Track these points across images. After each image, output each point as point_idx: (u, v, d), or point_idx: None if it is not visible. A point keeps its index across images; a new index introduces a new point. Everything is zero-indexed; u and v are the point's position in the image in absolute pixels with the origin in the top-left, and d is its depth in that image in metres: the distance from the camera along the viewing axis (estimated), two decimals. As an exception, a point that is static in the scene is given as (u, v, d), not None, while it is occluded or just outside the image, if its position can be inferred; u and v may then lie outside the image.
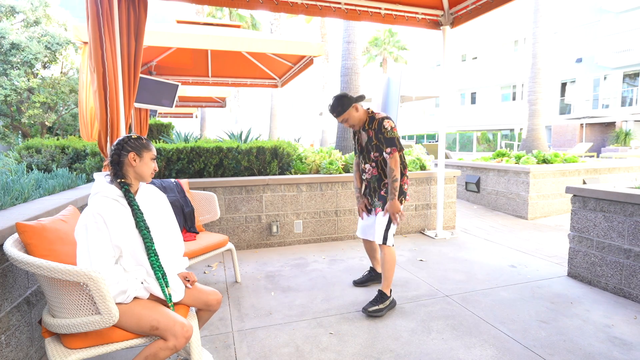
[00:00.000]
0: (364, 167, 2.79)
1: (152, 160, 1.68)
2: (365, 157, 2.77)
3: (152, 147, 1.70)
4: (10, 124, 10.23)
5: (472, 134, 25.18)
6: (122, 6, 2.87)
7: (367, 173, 2.77)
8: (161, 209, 1.74)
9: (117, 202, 1.57)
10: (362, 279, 3.09)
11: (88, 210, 1.51)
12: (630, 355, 2.06)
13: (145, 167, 1.66)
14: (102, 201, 1.54)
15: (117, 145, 1.63)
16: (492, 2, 3.86)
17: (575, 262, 3.16)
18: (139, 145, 1.65)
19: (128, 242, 1.54)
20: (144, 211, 1.62)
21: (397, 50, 27.16)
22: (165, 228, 1.72)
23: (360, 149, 2.81)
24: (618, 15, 19.48)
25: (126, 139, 1.64)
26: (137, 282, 1.57)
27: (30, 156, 4.03)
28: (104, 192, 1.56)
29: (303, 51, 4.73)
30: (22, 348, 1.77)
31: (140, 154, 1.64)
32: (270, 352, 2.13)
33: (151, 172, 1.69)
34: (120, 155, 1.61)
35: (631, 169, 6.94)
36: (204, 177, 4.09)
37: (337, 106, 2.59)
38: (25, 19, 10.70)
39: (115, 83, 2.83)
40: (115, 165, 1.62)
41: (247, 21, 19.94)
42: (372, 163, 2.73)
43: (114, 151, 1.62)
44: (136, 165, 1.63)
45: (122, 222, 1.54)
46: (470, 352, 2.11)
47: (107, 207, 1.52)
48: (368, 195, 2.85)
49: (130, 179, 1.64)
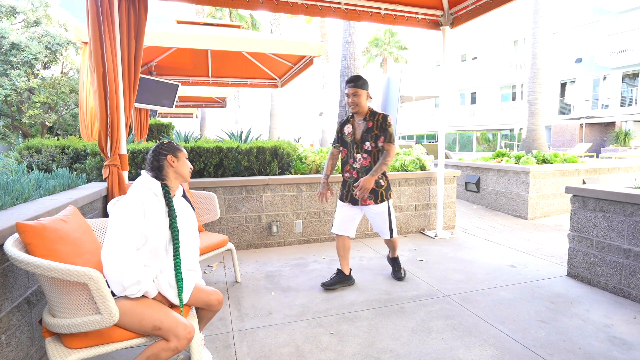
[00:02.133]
0: (355, 156, 2.89)
1: (187, 160, 1.80)
2: (357, 148, 2.88)
3: (183, 149, 1.82)
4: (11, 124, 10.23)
5: (472, 134, 25.19)
6: (122, 6, 2.87)
7: (358, 163, 2.89)
8: (189, 221, 1.80)
9: (156, 197, 1.65)
10: (331, 281, 3.01)
11: (132, 196, 1.59)
12: (630, 355, 2.07)
13: (183, 166, 1.77)
14: (146, 192, 1.63)
15: (153, 152, 1.74)
16: (492, 2, 3.87)
17: (575, 262, 3.16)
18: (173, 148, 1.76)
19: (156, 236, 1.60)
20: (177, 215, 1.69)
21: (397, 50, 27.17)
22: (189, 237, 1.77)
23: (351, 139, 2.90)
24: (618, 15, 19.48)
25: (160, 145, 1.76)
26: (151, 278, 1.59)
27: (30, 156, 4.03)
28: (149, 185, 1.66)
29: (303, 51, 4.74)
30: (23, 348, 1.77)
31: (177, 155, 1.75)
32: (270, 352, 2.13)
33: (189, 171, 1.80)
34: (159, 160, 1.72)
35: (631, 169, 6.94)
36: (204, 177, 4.09)
37: (360, 80, 2.78)
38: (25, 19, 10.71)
39: (115, 83, 2.84)
40: (156, 170, 1.72)
41: (247, 21, 19.94)
42: (364, 154, 2.85)
43: (152, 158, 1.73)
44: (175, 165, 1.74)
45: (157, 216, 1.62)
46: (470, 352, 2.11)
47: (148, 198, 1.62)
48: (353, 185, 2.87)
49: (171, 180, 1.74)
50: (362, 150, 2.86)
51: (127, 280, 1.47)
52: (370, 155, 2.86)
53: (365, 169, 2.86)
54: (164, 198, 1.67)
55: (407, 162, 4.87)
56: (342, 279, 3.04)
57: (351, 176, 2.93)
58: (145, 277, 1.55)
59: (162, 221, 1.63)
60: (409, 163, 4.87)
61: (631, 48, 18.47)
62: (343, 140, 2.99)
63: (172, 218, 1.65)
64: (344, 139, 2.98)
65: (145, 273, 1.56)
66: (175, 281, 1.64)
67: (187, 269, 1.75)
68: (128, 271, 1.47)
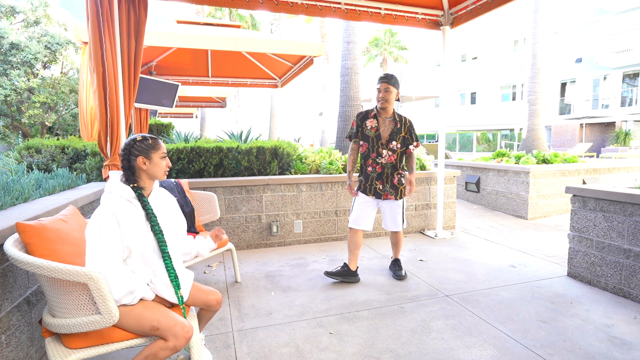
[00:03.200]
0: (380, 151, 3.00)
1: (162, 159, 1.66)
2: (383, 144, 3.00)
3: (159, 145, 1.67)
4: (11, 124, 10.23)
5: (472, 134, 25.18)
6: (122, 6, 2.87)
7: (384, 158, 3.01)
8: (171, 212, 1.75)
9: (130, 203, 1.57)
10: (334, 271, 3.11)
11: (102, 209, 1.51)
12: (630, 355, 2.07)
13: (156, 167, 1.64)
14: (117, 201, 1.54)
15: (124, 151, 1.61)
16: (492, 2, 3.86)
17: (575, 262, 3.16)
18: (146, 147, 1.62)
19: (139, 243, 1.54)
20: (156, 214, 1.63)
21: (397, 50, 27.16)
22: (175, 230, 1.73)
23: (375, 134, 3.00)
24: (618, 15, 19.48)
25: (132, 143, 1.62)
26: (144, 284, 1.57)
27: (30, 156, 4.03)
28: (118, 192, 1.56)
29: (303, 51, 4.74)
30: (23, 348, 1.77)
31: (149, 155, 1.62)
32: (270, 352, 2.13)
33: (164, 171, 1.68)
34: (129, 161, 1.60)
35: (631, 169, 6.94)
36: (204, 177, 4.09)
37: (393, 78, 2.93)
38: (25, 19, 10.70)
39: (115, 83, 2.83)
40: (127, 170, 1.61)
41: (247, 21, 19.94)
42: (389, 151, 3.01)
43: (122, 157, 1.61)
44: (147, 167, 1.62)
45: (135, 224, 1.54)
46: (470, 352, 2.11)
47: (120, 207, 1.52)
48: (377, 180, 3.04)
49: (143, 181, 1.64)
50: (389, 148, 2.99)
51: (118, 293, 1.46)
52: (395, 154, 3.01)
53: (391, 165, 3.02)
54: (139, 202, 1.59)
55: (407, 162, 4.87)
56: (346, 273, 3.09)
57: (374, 170, 3.03)
58: (137, 284, 1.52)
59: (143, 226, 1.57)
60: (409, 163, 4.87)
61: (631, 48, 18.47)
62: (364, 135, 3.04)
63: (152, 221, 1.58)
64: (365, 133, 3.03)
65: (137, 280, 1.53)
66: (170, 281, 1.62)
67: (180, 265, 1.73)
68: (116, 285, 1.45)
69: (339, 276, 3.07)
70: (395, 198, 3.05)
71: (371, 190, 3.05)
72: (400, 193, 3.07)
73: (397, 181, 3.05)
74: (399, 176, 3.06)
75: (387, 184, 3.03)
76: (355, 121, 3.10)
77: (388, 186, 3.03)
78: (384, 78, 2.92)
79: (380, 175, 3.02)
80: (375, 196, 3.05)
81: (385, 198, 3.04)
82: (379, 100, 2.95)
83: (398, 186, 3.06)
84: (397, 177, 3.05)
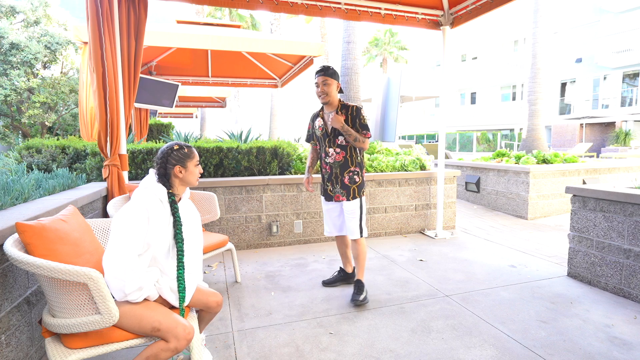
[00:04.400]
0: (327, 150, 2.79)
1: (196, 167, 1.73)
2: (330, 142, 2.76)
3: (194, 153, 1.73)
4: (11, 124, 10.23)
5: (472, 134, 25.19)
6: (122, 6, 2.87)
7: (331, 157, 2.79)
8: (195, 225, 1.78)
9: (161, 204, 1.61)
10: (332, 279, 3.07)
11: (137, 202, 1.56)
12: (630, 355, 2.07)
13: (191, 176, 1.71)
14: (152, 198, 1.59)
15: (161, 158, 1.67)
16: (492, 2, 3.86)
17: (575, 262, 3.16)
18: (183, 157, 1.68)
19: (158, 245, 1.58)
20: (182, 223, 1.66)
21: (397, 50, 27.17)
22: (193, 244, 1.75)
23: (322, 132, 2.80)
24: (618, 15, 19.48)
25: (169, 152, 1.67)
26: (152, 283, 1.59)
27: (30, 156, 4.03)
28: (154, 190, 1.62)
29: (303, 51, 4.74)
30: (22, 348, 1.77)
31: (185, 165, 1.68)
32: (270, 352, 2.13)
33: (197, 178, 1.75)
34: (166, 169, 1.67)
35: (631, 169, 6.94)
36: (204, 177, 4.09)
37: (330, 69, 2.70)
38: (25, 19, 10.70)
39: (115, 83, 2.83)
40: (163, 177, 1.66)
41: (247, 21, 19.93)
42: (336, 148, 2.75)
43: (159, 164, 1.67)
44: (183, 176, 1.68)
45: (162, 224, 1.59)
46: (470, 352, 2.11)
47: (154, 204, 1.58)
48: (328, 181, 2.83)
49: (176, 188, 1.70)
50: (335, 145, 2.75)
51: (129, 287, 1.47)
52: (344, 149, 2.74)
53: (340, 164, 2.76)
54: (169, 206, 1.64)
55: (407, 162, 4.87)
56: (343, 277, 3.07)
57: (325, 171, 2.85)
58: (147, 282, 1.54)
59: (166, 229, 1.61)
60: (409, 163, 4.87)
61: (631, 48, 18.47)
62: (316, 136, 2.88)
63: (177, 228, 1.63)
64: (316, 134, 2.87)
65: (147, 278, 1.55)
66: (177, 289, 1.63)
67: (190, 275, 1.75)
68: (130, 278, 1.47)
69: (337, 282, 3.05)
70: (348, 199, 2.77)
71: (325, 192, 2.89)
72: (354, 193, 2.77)
73: (348, 180, 2.76)
74: (350, 174, 2.76)
75: (337, 184, 2.78)
76: (309, 122, 2.97)
77: (338, 187, 2.78)
78: (321, 70, 2.69)
79: (330, 176, 2.81)
80: (328, 199, 2.88)
81: (337, 200, 2.81)
82: (318, 95, 2.72)
83: (349, 185, 2.76)
84: (347, 176, 2.76)
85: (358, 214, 2.79)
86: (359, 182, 2.80)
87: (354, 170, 2.78)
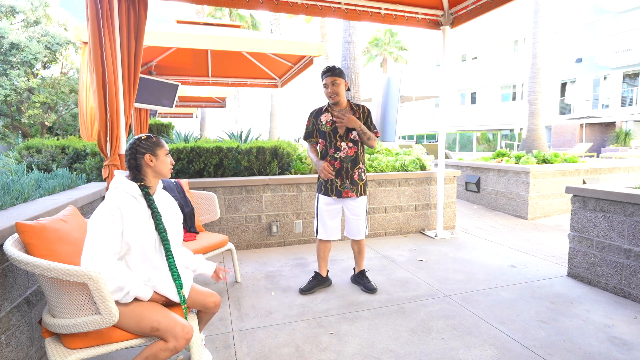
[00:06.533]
0: (339, 145, 2.79)
1: (167, 156, 1.70)
2: (341, 137, 2.79)
3: (163, 142, 1.71)
4: (10, 124, 10.23)
5: (472, 134, 25.18)
6: (122, 6, 2.87)
7: (342, 152, 2.79)
8: (173, 213, 1.77)
9: (135, 200, 1.59)
10: (309, 286, 2.96)
11: (107, 203, 1.52)
12: (630, 355, 2.06)
13: (163, 164, 1.68)
14: (123, 196, 1.56)
15: (130, 149, 1.64)
16: (492, 2, 3.86)
17: (575, 262, 3.16)
18: (152, 145, 1.66)
19: (140, 240, 1.56)
20: (160, 213, 1.64)
21: (397, 51, 27.16)
22: (176, 231, 1.75)
23: (331, 128, 2.79)
24: (618, 15, 19.48)
25: (137, 142, 1.65)
26: (140, 282, 1.56)
27: (30, 156, 4.03)
28: (125, 188, 1.59)
29: (303, 51, 4.74)
30: (22, 348, 1.77)
31: (155, 153, 1.65)
32: (270, 352, 2.13)
33: (169, 168, 1.72)
34: (136, 159, 1.63)
35: (631, 169, 6.94)
36: (204, 177, 4.09)
37: (338, 69, 2.74)
38: (25, 19, 10.70)
39: (115, 83, 2.83)
40: (134, 169, 1.64)
41: (247, 21, 19.93)
42: (349, 142, 2.80)
43: (129, 156, 1.64)
44: (154, 164, 1.65)
45: (138, 220, 1.56)
46: (470, 352, 2.11)
47: (126, 202, 1.54)
48: (337, 177, 2.81)
49: (149, 179, 1.66)
50: (348, 139, 2.78)
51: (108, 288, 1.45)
52: (356, 145, 2.80)
53: (351, 159, 2.79)
54: (145, 200, 1.61)
55: (407, 162, 4.87)
56: (320, 282, 2.99)
57: (333, 167, 2.80)
58: (128, 282, 1.50)
59: (147, 223, 1.58)
60: (409, 163, 4.87)
61: (631, 48, 18.46)
62: (320, 131, 2.85)
63: (158, 220, 1.60)
64: (321, 130, 2.84)
65: (130, 278, 1.52)
66: (173, 280, 1.63)
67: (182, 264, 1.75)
68: (106, 279, 1.43)
69: (314, 288, 2.96)
70: (357, 195, 2.82)
71: (332, 190, 2.82)
72: (361, 190, 2.84)
73: (357, 176, 2.81)
74: (359, 171, 2.82)
75: (347, 179, 2.79)
76: (309, 119, 2.92)
77: (348, 182, 2.80)
78: (329, 71, 2.72)
79: (340, 171, 2.79)
80: (336, 195, 2.82)
81: (345, 196, 2.81)
82: (329, 95, 2.75)
83: (358, 182, 2.82)
84: (357, 172, 2.81)
85: (364, 214, 2.90)
86: (365, 180, 2.90)
87: (362, 167, 2.87)
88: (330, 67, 2.73)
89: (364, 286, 2.97)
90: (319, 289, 2.99)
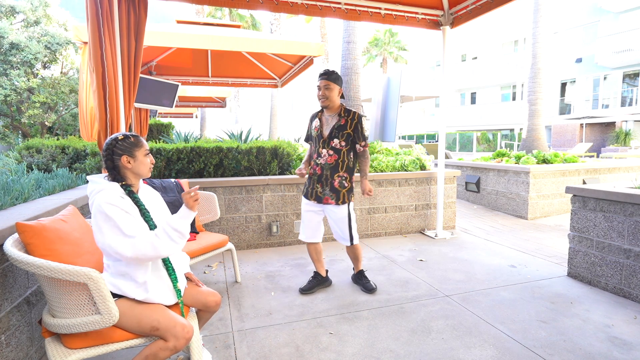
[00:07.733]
0: (320, 151, 2.78)
1: (145, 156, 1.64)
2: (324, 143, 2.77)
3: (142, 142, 1.65)
4: (10, 124, 10.22)
5: (472, 134, 25.18)
6: (122, 6, 2.87)
7: (322, 158, 2.77)
8: (159, 207, 1.75)
9: (122, 199, 1.56)
10: (309, 286, 2.96)
11: (101, 204, 1.47)
12: (630, 355, 2.07)
13: (141, 165, 1.63)
14: (111, 195, 1.51)
15: (106, 151, 1.58)
16: (492, 2, 3.86)
17: (575, 262, 3.16)
18: (129, 146, 1.60)
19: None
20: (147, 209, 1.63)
21: (397, 51, 27.16)
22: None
23: (317, 133, 2.81)
24: (618, 15, 19.48)
25: (114, 143, 1.59)
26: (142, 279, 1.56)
27: (30, 156, 4.03)
28: (108, 190, 1.54)
29: (303, 51, 4.74)
30: (22, 348, 1.77)
31: (132, 154, 1.60)
32: (270, 352, 2.13)
33: (149, 168, 1.67)
34: (113, 161, 1.58)
35: (631, 169, 6.94)
36: (204, 177, 4.09)
37: (333, 74, 2.72)
38: (25, 19, 10.69)
39: (115, 83, 2.83)
40: (112, 170, 1.59)
41: (247, 21, 19.93)
42: (330, 150, 2.75)
43: (106, 157, 1.58)
44: (132, 166, 1.60)
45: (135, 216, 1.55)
46: (470, 352, 2.11)
47: (117, 200, 1.51)
48: (318, 182, 2.80)
49: (129, 179, 1.63)
50: (329, 147, 2.75)
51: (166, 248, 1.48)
52: (338, 153, 2.75)
53: (330, 167, 2.75)
54: (129, 198, 1.58)
55: (407, 162, 4.87)
56: (319, 282, 3.00)
57: (314, 172, 2.80)
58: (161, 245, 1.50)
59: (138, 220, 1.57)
60: (409, 163, 4.87)
61: (631, 48, 18.45)
62: (311, 135, 2.90)
63: (146, 216, 1.58)
64: (311, 134, 2.90)
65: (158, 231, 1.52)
66: (168, 275, 1.62)
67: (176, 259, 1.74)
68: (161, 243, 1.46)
69: (314, 288, 2.96)
70: (336, 202, 2.76)
71: (312, 194, 2.82)
72: (343, 197, 2.77)
73: (337, 184, 2.75)
74: (339, 179, 2.75)
75: (327, 186, 2.75)
76: (308, 122, 2.98)
77: (327, 189, 2.75)
78: (324, 74, 2.71)
79: (320, 177, 2.77)
80: (316, 200, 2.81)
81: (326, 202, 2.78)
82: (318, 97, 2.75)
83: (339, 189, 2.75)
84: (337, 180, 2.75)
85: (347, 220, 2.82)
86: (348, 187, 2.81)
87: (343, 175, 2.78)
88: (326, 71, 2.72)
89: (363, 286, 2.98)
90: (318, 288, 2.99)
